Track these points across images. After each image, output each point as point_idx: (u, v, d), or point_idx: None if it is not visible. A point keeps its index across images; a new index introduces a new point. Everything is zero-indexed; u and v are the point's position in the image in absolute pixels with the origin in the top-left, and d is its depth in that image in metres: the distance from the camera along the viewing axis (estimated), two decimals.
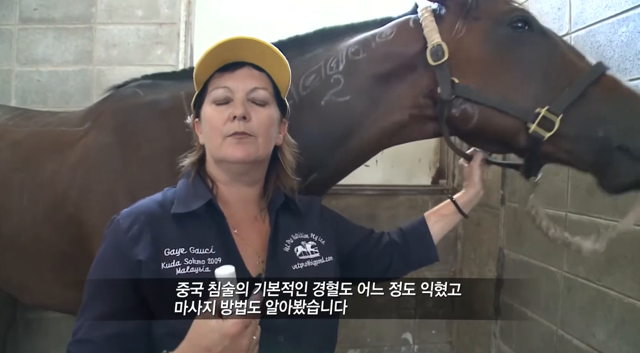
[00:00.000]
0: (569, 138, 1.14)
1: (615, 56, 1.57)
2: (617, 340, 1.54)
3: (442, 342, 2.67)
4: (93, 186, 1.51)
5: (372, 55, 1.33)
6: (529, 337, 2.03)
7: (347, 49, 1.35)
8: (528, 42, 1.21)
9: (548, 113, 1.13)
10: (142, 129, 1.51)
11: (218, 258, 0.95)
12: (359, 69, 1.32)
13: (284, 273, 0.99)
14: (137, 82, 1.65)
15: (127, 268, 0.92)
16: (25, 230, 1.59)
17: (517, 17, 1.21)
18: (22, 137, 1.71)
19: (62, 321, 2.33)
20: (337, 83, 1.32)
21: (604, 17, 1.63)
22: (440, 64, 1.23)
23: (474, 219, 2.50)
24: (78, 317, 0.92)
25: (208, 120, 1.02)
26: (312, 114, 1.33)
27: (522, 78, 1.19)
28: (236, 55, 1.02)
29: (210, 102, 1.02)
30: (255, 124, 1.00)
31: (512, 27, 1.21)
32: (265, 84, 1.04)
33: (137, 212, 0.99)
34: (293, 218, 1.11)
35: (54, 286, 1.61)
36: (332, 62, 1.34)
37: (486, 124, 1.21)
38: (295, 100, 1.32)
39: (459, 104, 1.23)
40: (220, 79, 1.02)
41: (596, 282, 1.63)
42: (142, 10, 2.46)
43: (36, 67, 2.44)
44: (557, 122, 1.12)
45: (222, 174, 1.05)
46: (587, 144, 1.13)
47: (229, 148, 0.99)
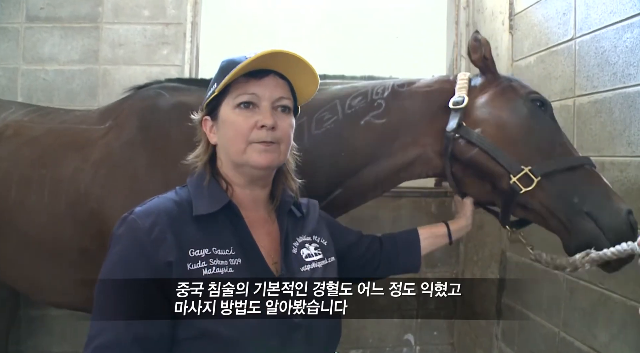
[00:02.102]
0: (544, 196, 1.32)
1: (620, 62, 1.59)
2: (619, 343, 1.55)
3: (444, 344, 2.67)
4: (117, 183, 1.54)
5: (412, 90, 1.54)
6: (530, 338, 2.04)
7: (394, 82, 1.56)
8: (539, 116, 1.42)
9: (529, 172, 1.32)
10: (169, 130, 1.54)
11: (239, 259, 0.96)
12: (399, 98, 1.52)
13: (295, 275, 1.01)
14: (160, 84, 1.68)
15: (153, 268, 0.91)
16: (44, 227, 1.60)
17: (539, 98, 1.44)
18: (40, 134, 1.72)
19: (64, 318, 2.34)
20: (378, 107, 1.51)
21: (608, 22, 1.64)
22: (456, 109, 1.44)
23: (477, 222, 2.51)
24: (95, 320, 0.90)
25: (232, 125, 1.01)
26: (352, 131, 1.50)
27: (523, 138, 1.39)
28: (264, 63, 1.02)
29: (234, 106, 1.02)
30: (279, 132, 1.02)
31: (532, 102, 1.43)
32: (288, 93, 1.06)
33: (156, 211, 0.97)
34: (296, 220, 1.13)
35: (70, 284, 1.61)
36: (379, 89, 1.54)
37: (478, 162, 1.40)
38: (339, 116, 1.51)
39: (460, 143, 1.42)
40: (247, 85, 1.02)
41: (599, 285, 1.65)
42: (149, 10, 2.47)
43: (42, 66, 2.45)
44: (535, 182, 1.31)
45: (239, 177, 1.05)
46: (562, 204, 1.31)
47: (254, 154, 1.00)
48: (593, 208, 1.28)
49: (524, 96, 1.44)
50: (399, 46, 1.79)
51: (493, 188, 1.42)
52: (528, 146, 1.37)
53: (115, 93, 1.97)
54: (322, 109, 1.53)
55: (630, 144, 1.55)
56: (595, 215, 1.27)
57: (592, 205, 1.29)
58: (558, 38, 1.91)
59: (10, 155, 1.70)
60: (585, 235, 1.28)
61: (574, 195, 1.30)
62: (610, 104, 1.63)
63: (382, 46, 2.03)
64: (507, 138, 1.38)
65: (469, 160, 1.41)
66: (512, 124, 1.40)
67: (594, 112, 1.69)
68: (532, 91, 1.46)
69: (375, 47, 1.97)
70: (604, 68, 1.66)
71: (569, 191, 1.31)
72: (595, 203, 1.29)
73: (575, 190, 1.31)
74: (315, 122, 1.52)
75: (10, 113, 1.86)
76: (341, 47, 2.01)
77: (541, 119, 1.42)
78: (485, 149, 1.38)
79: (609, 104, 1.64)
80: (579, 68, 1.78)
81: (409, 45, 1.76)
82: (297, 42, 2.47)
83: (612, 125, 1.61)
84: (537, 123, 1.40)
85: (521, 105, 1.42)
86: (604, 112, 1.65)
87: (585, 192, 1.31)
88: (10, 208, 1.65)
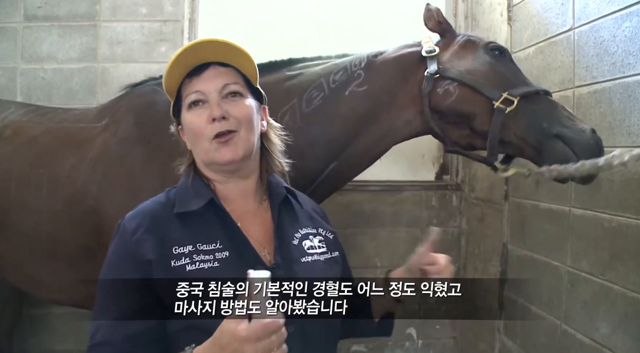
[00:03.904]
0: (521, 123, 1.48)
1: (619, 51, 1.57)
2: (621, 334, 1.54)
3: (446, 338, 2.67)
4: (114, 180, 1.55)
5: (385, 57, 1.68)
6: (533, 332, 2.03)
7: (368, 54, 1.70)
8: (500, 59, 1.62)
9: (509, 95, 1.49)
10: (165, 126, 1.54)
11: (226, 252, 0.97)
12: (375, 65, 1.66)
13: (293, 266, 1.01)
14: (156, 81, 1.69)
15: (138, 268, 0.94)
16: (43, 224, 1.62)
17: (496, 46, 1.65)
18: (39, 133, 1.73)
19: (67, 317, 2.35)
20: (358, 76, 1.64)
21: (607, 12, 1.62)
22: (431, 56, 1.61)
23: (478, 215, 2.51)
24: (93, 320, 0.93)
25: (189, 127, 1.04)
26: (339, 102, 1.63)
27: (494, 75, 1.57)
28: (199, 58, 1.03)
29: (187, 109, 1.04)
30: (235, 118, 1.02)
31: (491, 50, 1.63)
32: (235, 78, 1.05)
33: (141, 214, 1.02)
34: (297, 211, 1.12)
35: (70, 281, 1.63)
36: (356, 61, 1.67)
37: (461, 101, 1.55)
38: (325, 92, 1.63)
39: (442, 84, 1.57)
40: (190, 84, 1.04)
41: (600, 277, 1.64)
42: (146, 8, 2.46)
43: (41, 65, 2.45)
44: (516, 101, 1.48)
45: (214, 174, 1.07)
46: (534, 131, 1.47)
47: (216, 153, 1.01)
48: (560, 130, 1.44)
49: (483, 46, 1.63)
50: (397, 40, 1.79)
51: (472, 130, 1.57)
52: (498, 79, 1.55)
53: (114, 91, 1.96)
54: (309, 88, 1.64)
55: (630, 134, 1.53)
56: (563, 135, 1.43)
57: (559, 127, 1.45)
58: (557, 28, 1.89)
59: (10, 156, 1.71)
60: (556, 154, 1.43)
61: (543, 120, 1.47)
62: (609, 94, 1.61)
63: (380, 40, 2.02)
64: (479, 75, 1.56)
65: (451, 100, 1.56)
66: (479, 66, 1.58)
67: (594, 103, 1.68)
68: (490, 42, 1.66)
69: (373, 41, 1.96)
70: (603, 58, 1.64)
71: (538, 117, 1.48)
72: (562, 125, 1.45)
73: (544, 116, 1.48)
74: (305, 102, 1.63)
75: (10, 113, 1.87)
76: (339, 43, 2.00)
77: (502, 61, 1.61)
78: (466, 81, 1.54)
79: (608, 94, 1.62)
80: (578, 58, 1.77)
81: (407, 38, 1.75)
82: (296, 38, 2.46)
83: (612, 115, 1.60)
84: (500, 64, 1.60)
85: (482, 53, 1.61)
86: (604, 102, 1.64)
87: (552, 117, 1.47)
88: (10, 207, 1.67)
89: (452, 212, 2.65)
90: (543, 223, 1.97)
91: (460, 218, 2.66)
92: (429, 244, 1.05)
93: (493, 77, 1.55)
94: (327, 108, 1.62)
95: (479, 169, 2.44)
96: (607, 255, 1.59)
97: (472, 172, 2.58)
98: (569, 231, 1.80)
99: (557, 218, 1.86)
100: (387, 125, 1.65)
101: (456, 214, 2.66)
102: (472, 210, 2.58)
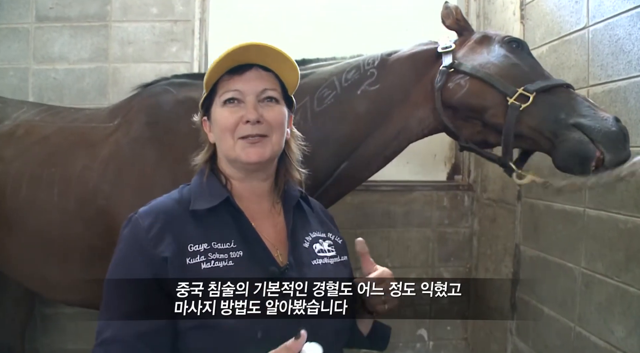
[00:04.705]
0: (536, 116, 1.43)
1: (635, 49, 1.55)
2: (637, 337, 1.52)
3: (458, 339, 2.65)
4: (126, 179, 1.55)
5: (399, 55, 1.68)
6: (545, 333, 2.01)
7: (382, 52, 1.69)
8: (517, 53, 1.57)
9: (524, 91, 1.44)
10: (176, 125, 1.55)
11: (240, 252, 0.97)
12: (388, 64, 1.65)
13: (304, 268, 1.01)
14: (167, 81, 1.70)
15: (151, 266, 0.93)
16: (54, 224, 1.62)
17: (513, 39, 1.61)
18: (51, 133, 1.74)
19: (78, 316, 2.35)
20: (371, 75, 1.63)
21: (622, 9, 1.61)
22: (447, 51, 1.60)
23: (490, 215, 2.49)
24: (100, 317, 0.92)
25: (220, 122, 1.03)
26: (351, 101, 1.62)
27: (509, 68, 1.52)
28: (243, 58, 1.03)
29: (221, 105, 1.04)
30: (268, 123, 1.02)
31: (508, 43, 1.59)
32: (274, 84, 1.06)
33: (156, 210, 1.00)
34: (308, 215, 1.13)
35: (80, 281, 1.63)
36: (370, 60, 1.66)
37: (472, 94, 1.52)
38: (337, 91, 1.62)
39: (455, 78, 1.55)
40: (230, 82, 1.03)
41: (615, 278, 1.61)
42: (157, 8, 2.47)
43: (52, 65, 2.46)
44: (531, 98, 1.43)
45: (235, 172, 1.07)
46: (550, 122, 1.41)
47: (242, 151, 1.01)
48: (578, 119, 1.38)
49: (499, 40, 1.60)
50: (408, 38, 1.78)
51: (485, 125, 1.54)
52: (514, 74, 1.50)
53: (125, 91, 1.97)
54: (321, 87, 1.64)
55: None
56: (581, 124, 1.37)
57: (577, 116, 1.39)
58: (570, 27, 1.87)
59: (22, 155, 1.72)
60: (571, 142, 1.37)
61: (560, 111, 1.41)
62: (625, 93, 1.59)
63: (391, 39, 2.02)
64: (492, 69, 1.52)
65: (461, 93, 1.53)
66: (493, 59, 1.55)
67: (609, 102, 1.66)
68: (506, 36, 1.62)
69: (384, 40, 1.96)
70: (618, 56, 1.62)
71: (555, 108, 1.42)
72: (581, 115, 1.39)
73: (561, 107, 1.42)
74: (317, 101, 1.62)
75: (22, 113, 1.88)
76: (349, 43, 2.00)
77: (519, 54, 1.57)
78: (477, 74, 1.51)
79: (623, 93, 1.60)
80: (593, 57, 1.75)
81: (419, 37, 1.75)
82: (305, 38, 2.45)
83: (627, 114, 1.57)
84: (517, 57, 1.55)
85: (497, 47, 1.59)
86: (619, 101, 1.62)
87: (570, 107, 1.41)
88: (21, 206, 1.67)
89: (463, 213, 2.63)
90: (557, 224, 1.95)
91: (472, 218, 2.64)
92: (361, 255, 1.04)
93: (508, 70, 1.51)
94: (338, 107, 1.61)
95: (491, 169, 2.42)
96: (623, 256, 1.57)
97: (484, 173, 2.56)
98: (583, 232, 1.78)
99: (571, 219, 1.84)
100: (400, 124, 1.63)
101: (468, 215, 2.64)
102: (484, 210, 2.56)
